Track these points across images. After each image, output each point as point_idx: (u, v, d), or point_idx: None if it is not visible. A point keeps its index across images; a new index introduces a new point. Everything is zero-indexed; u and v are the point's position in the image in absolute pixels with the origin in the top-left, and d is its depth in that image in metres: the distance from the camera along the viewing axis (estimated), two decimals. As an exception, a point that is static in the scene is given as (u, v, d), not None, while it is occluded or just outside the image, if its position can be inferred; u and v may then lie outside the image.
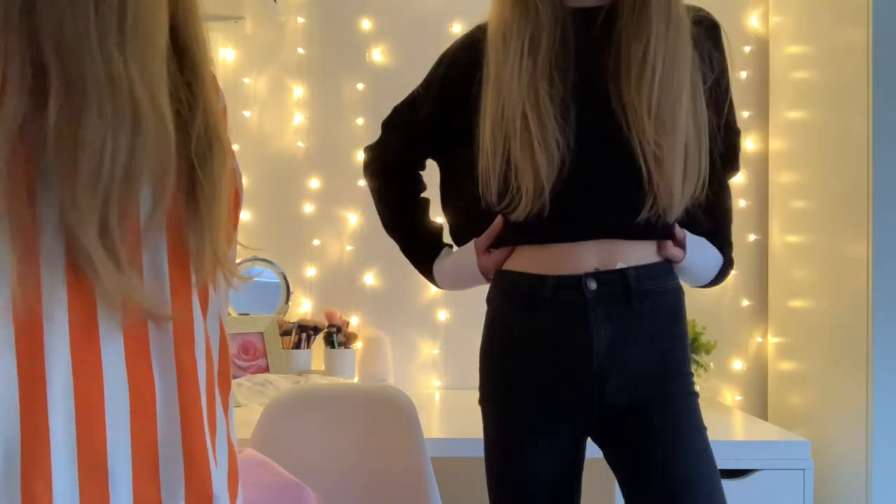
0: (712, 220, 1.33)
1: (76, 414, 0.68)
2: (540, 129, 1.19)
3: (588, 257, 1.22)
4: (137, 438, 0.71)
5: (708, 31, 1.26)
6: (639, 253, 1.23)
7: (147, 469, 0.72)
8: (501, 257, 1.31)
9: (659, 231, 1.24)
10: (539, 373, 1.24)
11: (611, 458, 1.27)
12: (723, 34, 1.28)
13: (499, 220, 1.29)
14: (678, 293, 1.28)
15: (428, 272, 1.46)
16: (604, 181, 1.22)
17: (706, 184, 1.23)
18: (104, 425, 0.70)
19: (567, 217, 1.22)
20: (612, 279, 1.21)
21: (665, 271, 1.26)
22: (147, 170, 0.69)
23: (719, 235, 1.35)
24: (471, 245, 1.36)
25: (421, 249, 1.47)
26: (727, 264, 1.36)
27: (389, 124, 1.51)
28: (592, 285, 1.21)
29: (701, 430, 1.23)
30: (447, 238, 1.47)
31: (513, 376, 1.28)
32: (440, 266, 1.44)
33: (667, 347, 1.24)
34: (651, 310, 1.23)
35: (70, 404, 0.68)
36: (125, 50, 0.67)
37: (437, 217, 1.47)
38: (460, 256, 1.39)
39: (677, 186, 1.19)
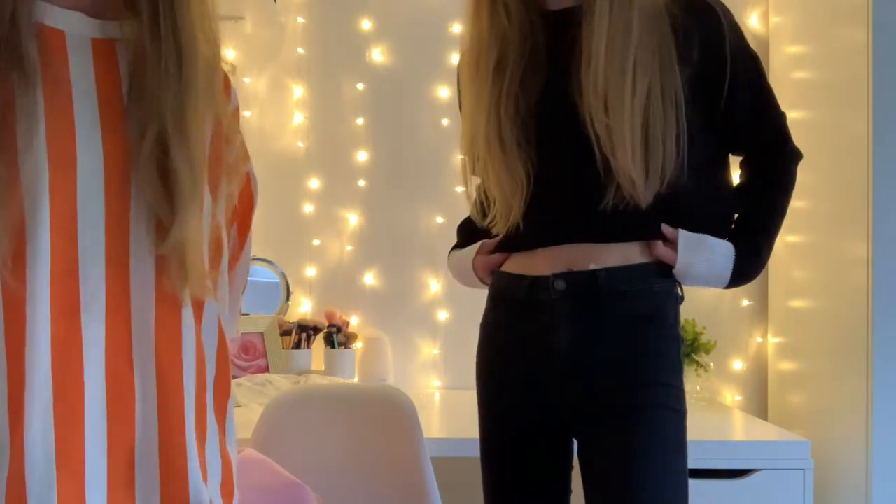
0: (747, 202, 1.27)
1: (55, 416, 0.68)
2: (502, 152, 1.21)
3: (562, 259, 1.22)
4: (114, 442, 0.71)
5: (695, 14, 1.19)
6: (617, 254, 1.21)
7: (123, 473, 0.71)
8: (495, 261, 1.33)
9: (635, 227, 1.20)
10: (513, 371, 1.26)
11: (579, 458, 1.26)
12: (722, 18, 1.21)
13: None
14: (664, 297, 1.22)
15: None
16: (569, 182, 1.21)
17: (685, 166, 1.17)
18: (83, 428, 0.69)
19: (538, 227, 1.23)
20: (582, 279, 1.20)
21: (648, 273, 1.21)
22: None
23: (749, 222, 1.27)
24: (479, 243, 1.37)
25: (452, 250, 1.49)
26: (748, 256, 1.25)
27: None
28: (561, 285, 1.20)
29: (669, 449, 1.17)
30: None
31: (491, 375, 1.31)
32: (453, 255, 1.46)
33: (640, 354, 1.19)
34: (623, 312, 1.19)
35: (49, 406, 0.68)
36: None
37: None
38: (467, 250, 1.41)
39: (637, 169, 1.14)
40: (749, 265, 1.26)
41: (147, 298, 0.73)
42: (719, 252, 1.24)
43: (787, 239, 2.29)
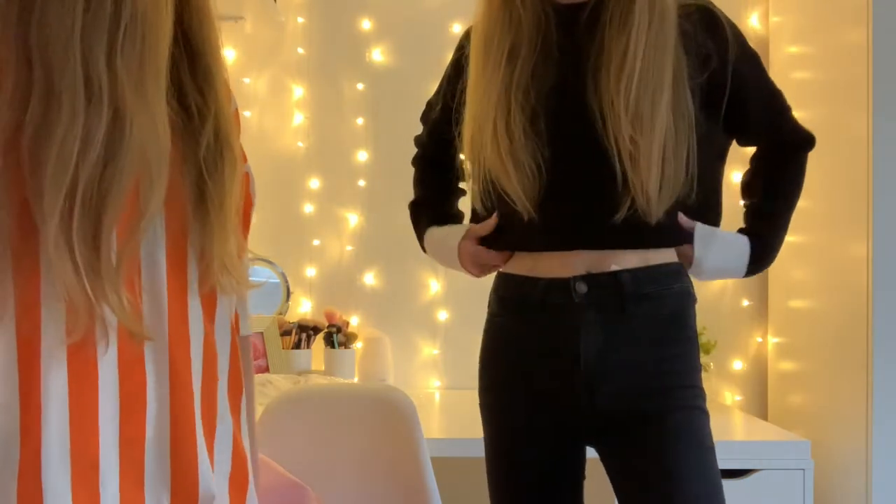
0: (762, 193, 1.30)
1: (70, 415, 0.68)
2: (508, 139, 1.18)
3: (580, 261, 1.19)
4: (126, 438, 0.71)
5: (701, 23, 1.19)
6: (636, 256, 1.19)
7: (134, 467, 0.72)
8: (492, 258, 1.30)
9: (646, 238, 1.18)
10: (527, 377, 1.23)
11: (605, 465, 1.24)
12: (723, 23, 1.21)
13: (494, 216, 1.28)
14: (684, 298, 1.22)
15: (420, 237, 1.47)
16: (582, 188, 1.19)
17: (696, 184, 1.17)
18: (97, 426, 0.70)
19: (553, 228, 1.21)
20: (605, 282, 1.18)
21: (667, 273, 1.20)
22: (129, 171, 0.68)
23: (765, 213, 1.30)
24: (465, 225, 1.36)
25: (418, 215, 1.48)
26: (764, 247, 1.29)
27: (422, 118, 1.54)
28: (582, 288, 1.18)
29: (701, 448, 1.16)
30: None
31: (502, 379, 1.27)
32: (433, 232, 1.43)
33: (666, 356, 1.19)
34: (648, 315, 1.18)
35: (64, 406, 0.68)
36: (115, 50, 0.67)
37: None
38: (451, 230, 1.39)
39: (653, 187, 1.13)
40: (764, 255, 1.30)
41: (160, 290, 0.73)
42: (734, 245, 1.27)
43: (787, 239, 2.29)
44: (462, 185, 1.47)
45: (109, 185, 0.67)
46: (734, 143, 1.32)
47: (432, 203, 1.47)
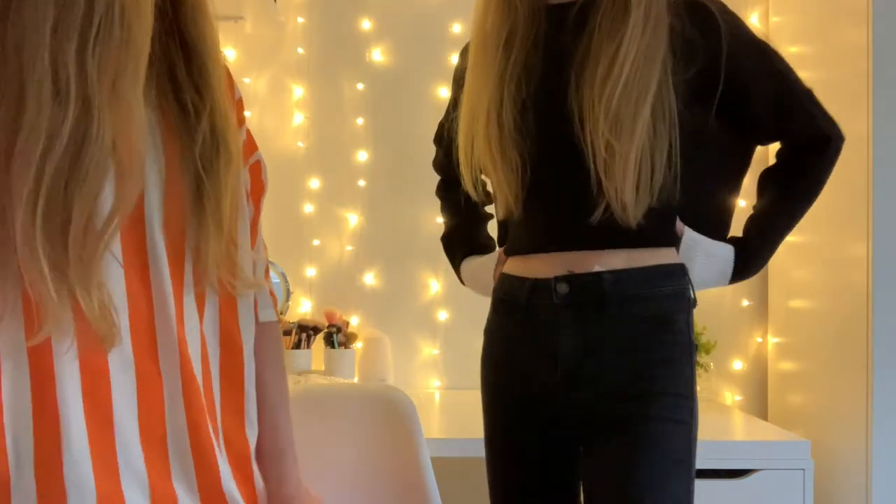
0: (765, 198, 1.28)
1: (84, 409, 0.68)
2: (498, 129, 1.18)
3: (563, 261, 1.18)
4: (146, 435, 0.72)
5: (689, 16, 1.16)
6: (622, 257, 1.17)
7: (160, 464, 0.72)
8: None
9: (624, 238, 1.16)
10: (520, 378, 1.23)
11: (580, 466, 1.23)
12: (714, 13, 1.17)
13: None
14: (674, 300, 1.18)
15: (457, 270, 1.48)
16: (560, 188, 1.18)
17: (677, 186, 1.15)
18: (112, 423, 0.70)
19: (535, 228, 1.21)
20: (587, 282, 1.16)
21: (656, 275, 1.17)
22: (98, 169, 0.66)
23: (760, 221, 1.27)
24: (494, 255, 1.37)
25: (453, 249, 1.48)
26: (749, 259, 1.25)
27: (436, 140, 1.51)
28: (563, 289, 1.16)
29: (668, 464, 1.12)
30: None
31: (495, 380, 1.28)
32: (468, 264, 1.44)
33: (648, 361, 1.15)
34: (632, 317, 1.15)
35: (78, 401, 0.68)
36: (87, 46, 0.66)
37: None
38: (485, 260, 1.39)
39: (629, 191, 1.11)
40: (750, 264, 1.27)
41: (165, 288, 0.73)
42: (717, 257, 1.24)
43: (787, 239, 2.29)
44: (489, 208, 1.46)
45: (77, 183, 0.65)
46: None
47: (461, 234, 1.47)
